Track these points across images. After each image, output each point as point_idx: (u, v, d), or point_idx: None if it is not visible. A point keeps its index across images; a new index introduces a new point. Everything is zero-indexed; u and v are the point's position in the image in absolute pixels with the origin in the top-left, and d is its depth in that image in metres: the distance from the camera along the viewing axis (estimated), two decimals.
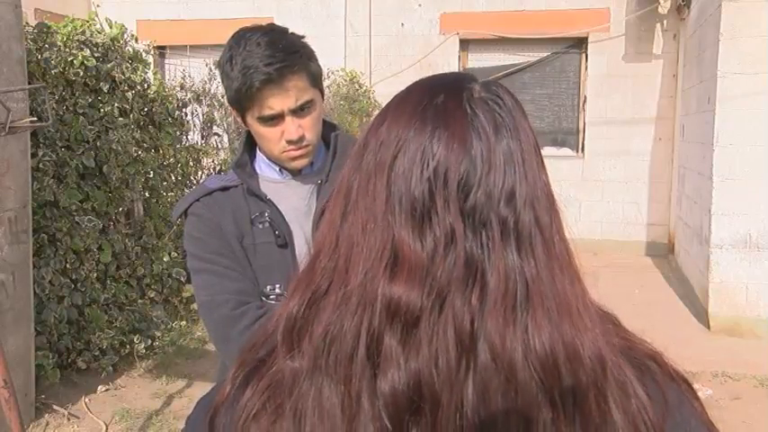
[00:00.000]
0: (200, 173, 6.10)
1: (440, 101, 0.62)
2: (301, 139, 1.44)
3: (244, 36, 1.41)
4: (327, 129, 1.57)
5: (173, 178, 5.64)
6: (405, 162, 0.61)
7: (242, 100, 1.41)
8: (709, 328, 5.09)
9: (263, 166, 1.55)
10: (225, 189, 1.51)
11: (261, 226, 1.47)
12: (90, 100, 4.41)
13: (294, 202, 1.51)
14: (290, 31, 1.47)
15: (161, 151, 5.38)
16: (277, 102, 1.40)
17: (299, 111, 1.43)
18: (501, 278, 0.58)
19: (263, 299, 1.46)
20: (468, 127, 0.61)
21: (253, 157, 1.57)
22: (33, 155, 3.78)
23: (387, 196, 0.61)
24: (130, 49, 4.91)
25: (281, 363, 0.63)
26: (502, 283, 0.58)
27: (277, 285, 1.46)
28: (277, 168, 1.54)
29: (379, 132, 0.64)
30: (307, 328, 0.61)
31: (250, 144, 1.57)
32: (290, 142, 1.44)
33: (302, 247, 1.45)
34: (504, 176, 0.60)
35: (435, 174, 0.59)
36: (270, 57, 1.36)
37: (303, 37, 1.48)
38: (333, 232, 0.64)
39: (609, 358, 0.60)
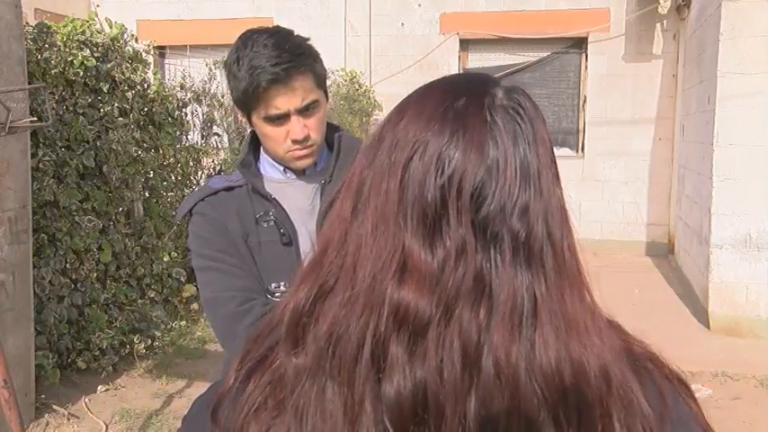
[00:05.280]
0: (200, 173, 6.09)
1: (461, 104, 0.61)
2: (306, 138, 1.46)
3: (250, 37, 1.43)
4: (330, 130, 1.58)
5: (173, 178, 5.64)
6: (420, 166, 0.59)
7: (249, 100, 1.43)
8: (709, 327, 5.09)
9: (266, 166, 1.57)
10: (229, 189, 1.53)
11: (265, 225, 1.49)
12: (90, 100, 4.41)
13: (298, 202, 1.52)
14: (295, 32, 1.49)
15: (161, 151, 5.37)
16: (283, 101, 1.41)
17: (305, 111, 1.44)
18: (509, 294, 0.57)
19: (268, 296, 1.47)
20: (487, 135, 0.59)
21: (257, 157, 1.58)
22: (33, 155, 3.78)
23: (399, 198, 0.59)
24: (130, 49, 4.90)
25: (283, 358, 0.62)
26: (510, 299, 0.57)
27: (282, 283, 1.47)
28: (281, 169, 1.55)
29: (396, 129, 0.62)
30: (311, 325, 0.61)
31: (254, 145, 1.58)
32: (295, 142, 1.45)
33: (306, 245, 1.47)
34: (518, 189, 0.58)
35: (450, 182, 0.58)
36: (277, 57, 1.38)
37: (308, 39, 1.50)
38: (342, 227, 0.62)
39: (614, 375, 0.59)
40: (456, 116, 0.60)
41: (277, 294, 1.47)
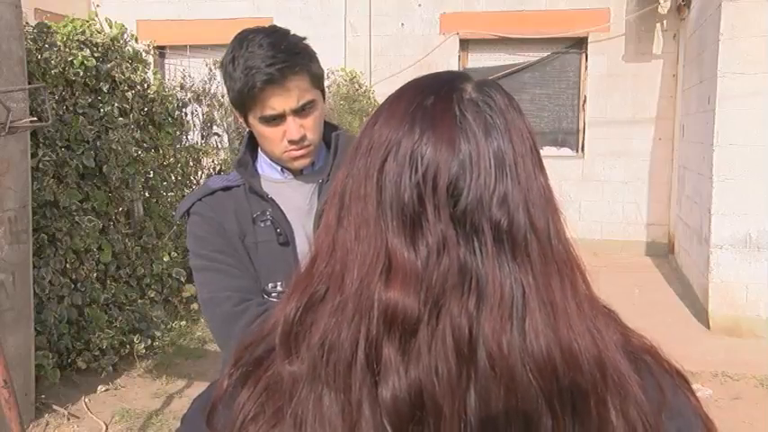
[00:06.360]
0: (200, 173, 6.10)
1: (429, 103, 0.62)
2: (303, 139, 1.45)
3: (246, 37, 1.43)
4: (329, 130, 1.58)
5: (173, 178, 5.64)
6: (394, 166, 0.60)
7: (244, 100, 1.43)
8: (708, 327, 5.09)
9: (264, 166, 1.57)
10: (227, 189, 1.53)
11: (263, 225, 1.49)
12: (90, 100, 4.41)
13: (296, 202, 1.52)
14: (292, 32, 1.48)
15: (161, 151, 5.38)
16: (279, 102, 1.41)
17: (301, 111, 1.44)
18: (496, 285, 0.57)
19: (265, 296, 1.47)
20: (457, 130, 0.60)
21: (254, 157, 1.58)
22: (33, 155, 3.78)
23: (378, 201, 0.60)
24: (130, 49, 4.91)
25: (279, 366, 0.62)
26: (497, 291, 0.57)
27: (279, 283, 1.47)
28: (279, 168, 1.55)
29: (371, 134, 0.63)
30: (304, 334, 0.61)
31: (252, 144, 1.58)
32: (291, 142, 1.45)
33: (303, 245, 1.46)
34: (494, 180, 0.59)
35: (424, 178, 0.59)
36: (272, 57, 1.38)
37: (305, 38, 1.49)
38: (329, 236, 0.63)
39: (609, 362, 0.59)
40: (425, 114, 0.61)
41: (273, 294, 1.47)
